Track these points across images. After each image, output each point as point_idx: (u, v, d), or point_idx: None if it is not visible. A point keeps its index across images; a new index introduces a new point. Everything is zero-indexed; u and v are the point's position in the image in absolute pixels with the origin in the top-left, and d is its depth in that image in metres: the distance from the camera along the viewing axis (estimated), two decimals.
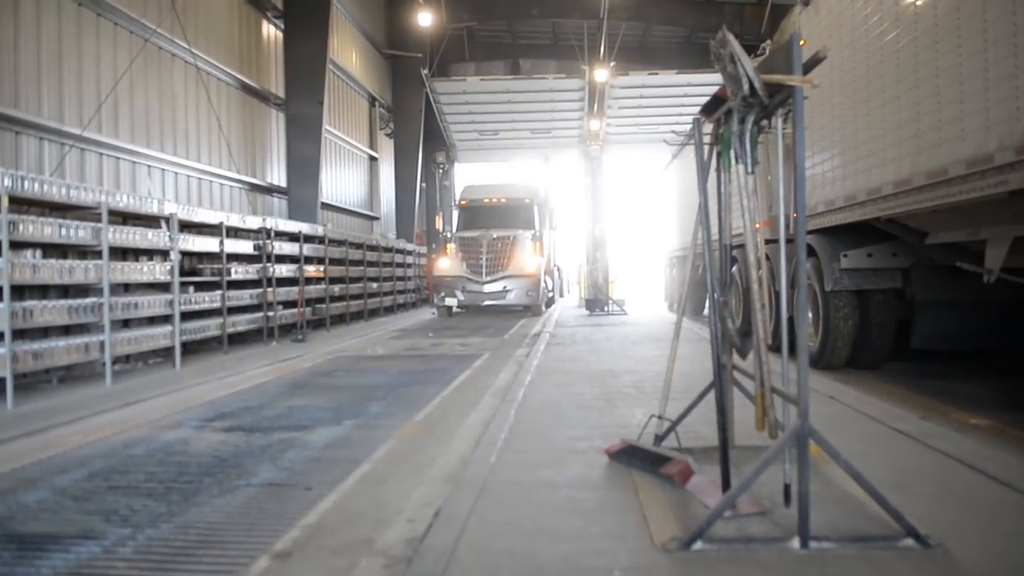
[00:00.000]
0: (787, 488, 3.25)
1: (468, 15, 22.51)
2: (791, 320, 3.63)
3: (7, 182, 6.85)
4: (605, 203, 22.41)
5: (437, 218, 20.57)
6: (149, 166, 10.58)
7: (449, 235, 18.86)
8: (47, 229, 7.44)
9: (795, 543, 2.97)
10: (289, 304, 13.11)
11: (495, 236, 17.52)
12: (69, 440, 5.37)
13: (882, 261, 7.42)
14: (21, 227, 7.06)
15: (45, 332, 7.85)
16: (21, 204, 7.43)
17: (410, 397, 6.97)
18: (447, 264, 17.78)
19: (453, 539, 3.15)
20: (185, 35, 11.17)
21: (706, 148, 3.99)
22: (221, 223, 10.86)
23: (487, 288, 17.08)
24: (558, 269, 23.17)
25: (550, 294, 19.94)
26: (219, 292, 10.75)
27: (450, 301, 17.26)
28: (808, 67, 3.12)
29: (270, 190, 15.27)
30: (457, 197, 20.61)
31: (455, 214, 19.80)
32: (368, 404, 6.64)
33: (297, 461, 4.73)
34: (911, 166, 6.00)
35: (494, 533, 3.24)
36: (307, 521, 3.56)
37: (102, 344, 7.94)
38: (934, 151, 5.62)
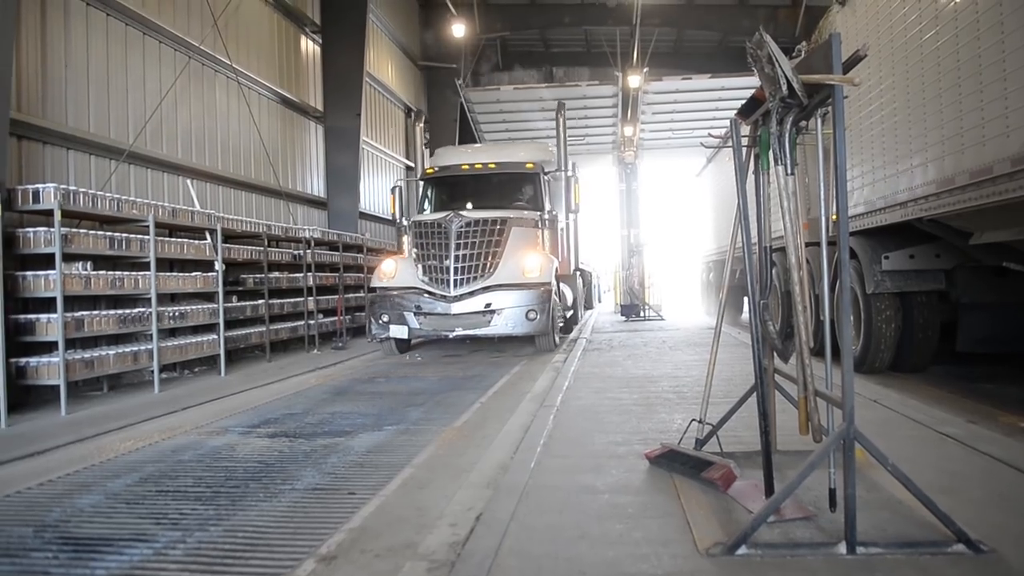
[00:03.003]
0: (832, 493, 3.21)
1: (501, 25, 22.64)
2: (833, 323, 3.59)
3: (59, 197, 7.08)
4: (640, 209, 22.36)
5: (391, 200, 12.81)
6: (193, 179, 10.83)
7: (404, 223, 12.43)
8: (97, 241, 7.69)
9: (842, 548, 2.94)
10: (329, 312, 13.30)
11: (471, 220, 10.86)
12: (120, 446, 5.52)
13: (925, 262, 7.28)
14: (73, 240, 7.30)
15: (96, 341, 8.09)
16: (73, 217, 7.69)
17: (449, 403, 7.02)
18: (392, 268, 11.16)
19: (495, 543, 3.18)
20: (227, 51, 11.42)
21: (744, 150, 3.97)
22: (263, 234, 11.10)
23: (457, 307, 10.54)
24: (583, 273, 16.62)
25: (568, 312, 13.32)
26: (262, 301, 10.99)
27: (396, 331, 10.70)
28: (848, 66, 3.10)
29: (310, 201, 15.50)
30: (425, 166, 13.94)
31: (420, 193, 13.43)
32: (408, 410, 6.70)
33: (340, 466, 4.80)
34: (954, 165, 5.89)
35: (536, 538, 3.25)
36: (351, 525, 3.61)
37: (150, 352, 8.16)
38: (978, 149, 5.52)
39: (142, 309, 8.20)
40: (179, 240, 9.12)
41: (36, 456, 5.29)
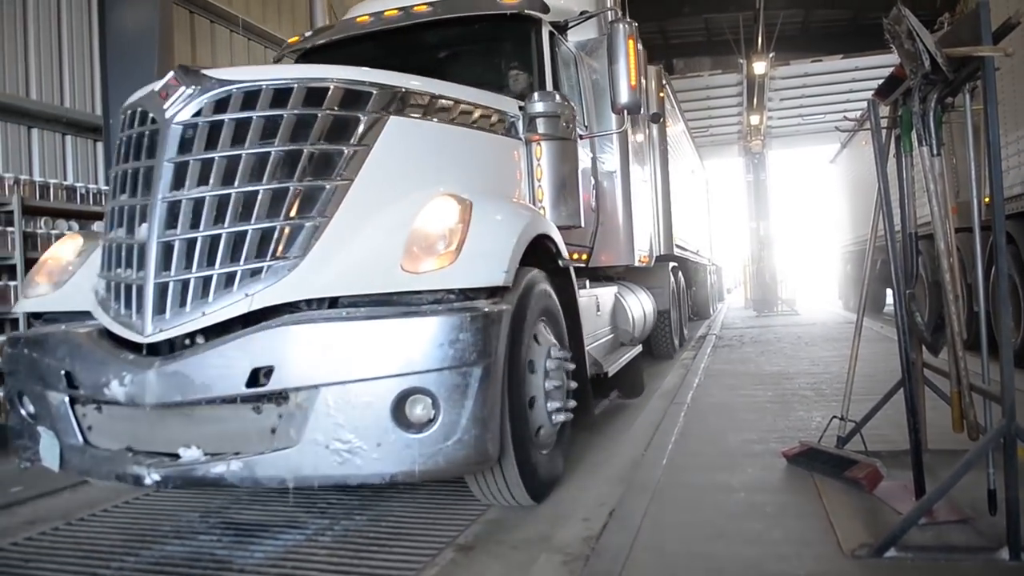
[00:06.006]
0: (991, 494, 2.99)
1: None
2: (988, 314, 3.35)
3: None
4: (769, 199, 21.60)
5: None
6: None
7: None
8: None
9: (1004, 554, 2.73)
10: None
11: (230, 90, 3.02)
12: None
13: None
14: None
15: None
16: None
17: None
18: (58, 263, 3.73)
19: (629, 539, 3.17)
20: None
21: (884, 132, 3.77)
22: None
23: (162, 382, 2.84)
24: (683, 264, 11.27)
25: (631, 350, 6.24)
26: None
27: (45, 448, 3.24)
28: (998, 36, 2.88)
29: None
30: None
31: None
32: None
33: None
34: None
35: (670, 535, 3.22)
36: (487, 517, 3.71)
37: None
38: None
39: None
40: None
41: None
